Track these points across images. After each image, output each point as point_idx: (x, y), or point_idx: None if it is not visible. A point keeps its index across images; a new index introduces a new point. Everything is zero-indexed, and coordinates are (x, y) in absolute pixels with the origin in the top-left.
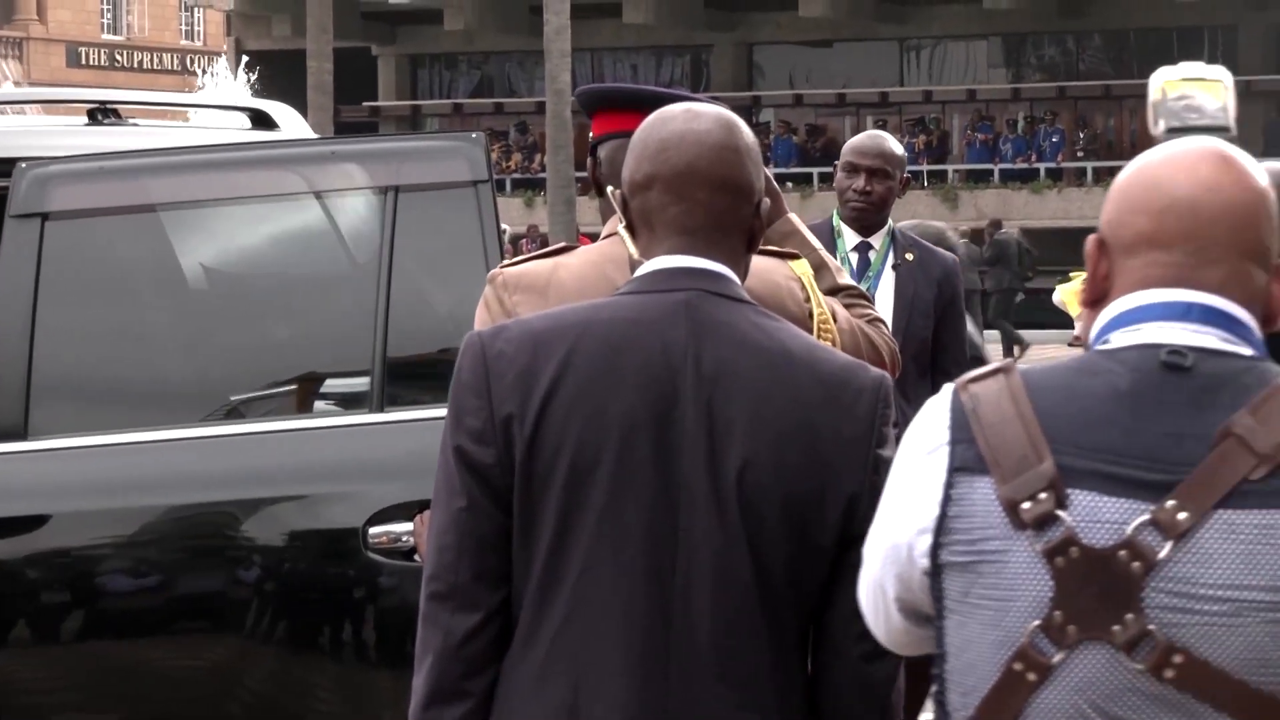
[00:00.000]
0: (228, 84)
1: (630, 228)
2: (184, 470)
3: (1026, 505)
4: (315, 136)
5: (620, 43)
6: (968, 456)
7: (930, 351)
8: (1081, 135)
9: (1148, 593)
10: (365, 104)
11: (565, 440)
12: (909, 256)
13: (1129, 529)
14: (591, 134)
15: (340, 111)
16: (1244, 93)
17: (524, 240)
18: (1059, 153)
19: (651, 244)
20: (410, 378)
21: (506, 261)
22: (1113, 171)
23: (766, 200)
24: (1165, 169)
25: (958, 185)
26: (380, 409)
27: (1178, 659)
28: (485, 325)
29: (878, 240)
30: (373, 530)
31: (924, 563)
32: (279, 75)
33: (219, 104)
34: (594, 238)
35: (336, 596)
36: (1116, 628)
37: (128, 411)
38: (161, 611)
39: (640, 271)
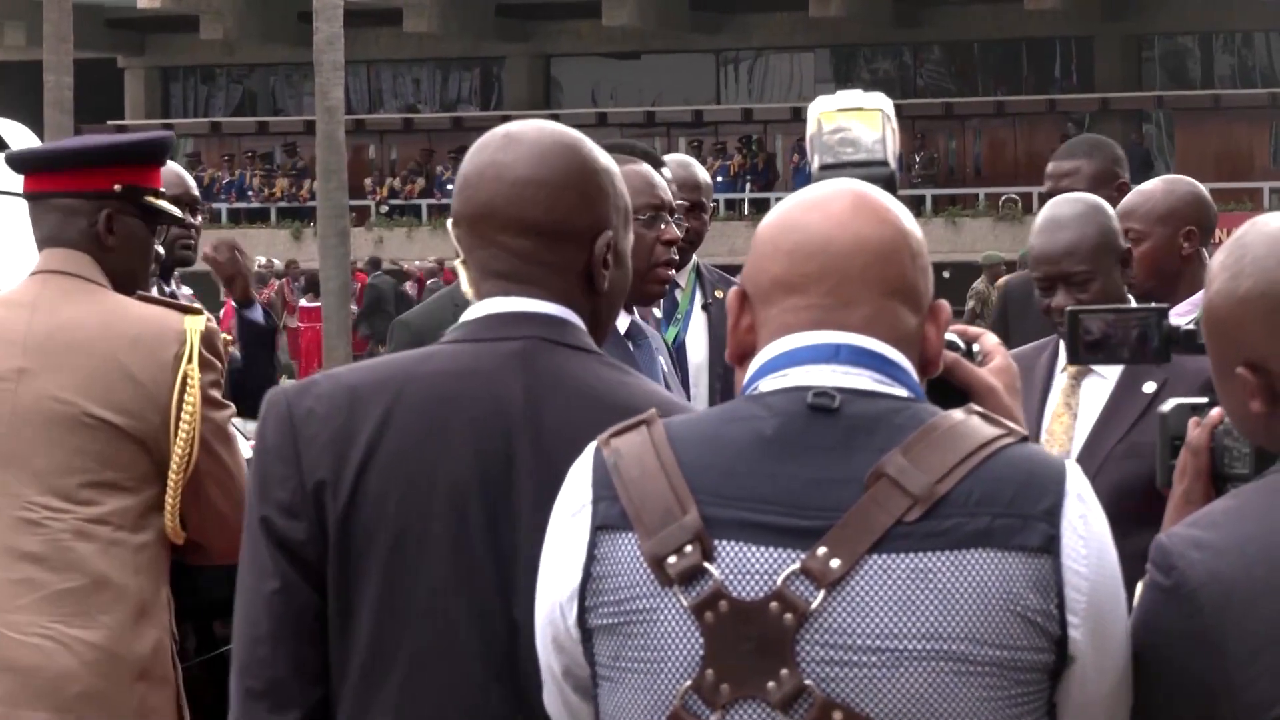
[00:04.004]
0: None
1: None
2: None
3: (672, 560)
4: None
5: (400, 54)
6: (610, 514)
7: None
8: (918, 159)
9: (802, 646)
10: (110, 122)
11: (385, 510)
12: (719, 294)
13: (779, 579)
14: None
15: (82, 130)
16: (1100, 111)
17: (285, 280)
18: None
19: (477, 284)
20: None
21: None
22: (955, 199)
23: (609, 232)
24: (797, 211)
25: None
26: None
27: (837, 715)
28: None
29: (683, 278)
30: None
31: (575, 631)
32: (12, 89)
33: None
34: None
35: None
36: (771, 684)
37: None
38: None
39: (470, 315)
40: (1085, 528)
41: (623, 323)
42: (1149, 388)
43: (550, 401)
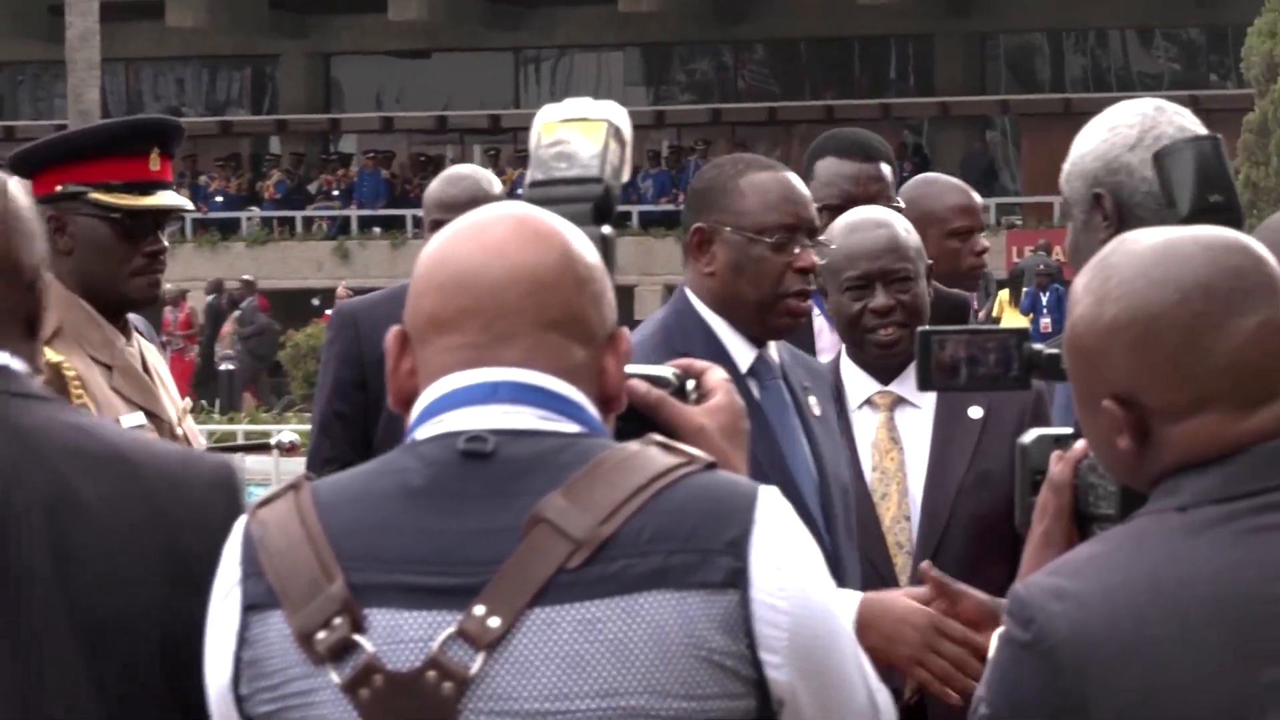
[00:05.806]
0: None
1: None
2: None
3: (321, 635)
4: None
5: (163, 51)
6: (257, 591)
7: None
8: None
9: (466, 716)
10: None
11: None
12: None
13: (435, 645)
14: None
15: None
16: (940, 117)
17: None
18: None
19: None
20: None
21: None
22: None
23: (47, 276)
24: (453, 241)
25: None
26: None
27: None
28: None
29: None
30: None
31: None
32: None
33: None
34: None
35: None
36: None
37: None
38: None
39: None
40: (781, 557)
41: (747, 357)
42: (975, 413)
43: (37, 462)
